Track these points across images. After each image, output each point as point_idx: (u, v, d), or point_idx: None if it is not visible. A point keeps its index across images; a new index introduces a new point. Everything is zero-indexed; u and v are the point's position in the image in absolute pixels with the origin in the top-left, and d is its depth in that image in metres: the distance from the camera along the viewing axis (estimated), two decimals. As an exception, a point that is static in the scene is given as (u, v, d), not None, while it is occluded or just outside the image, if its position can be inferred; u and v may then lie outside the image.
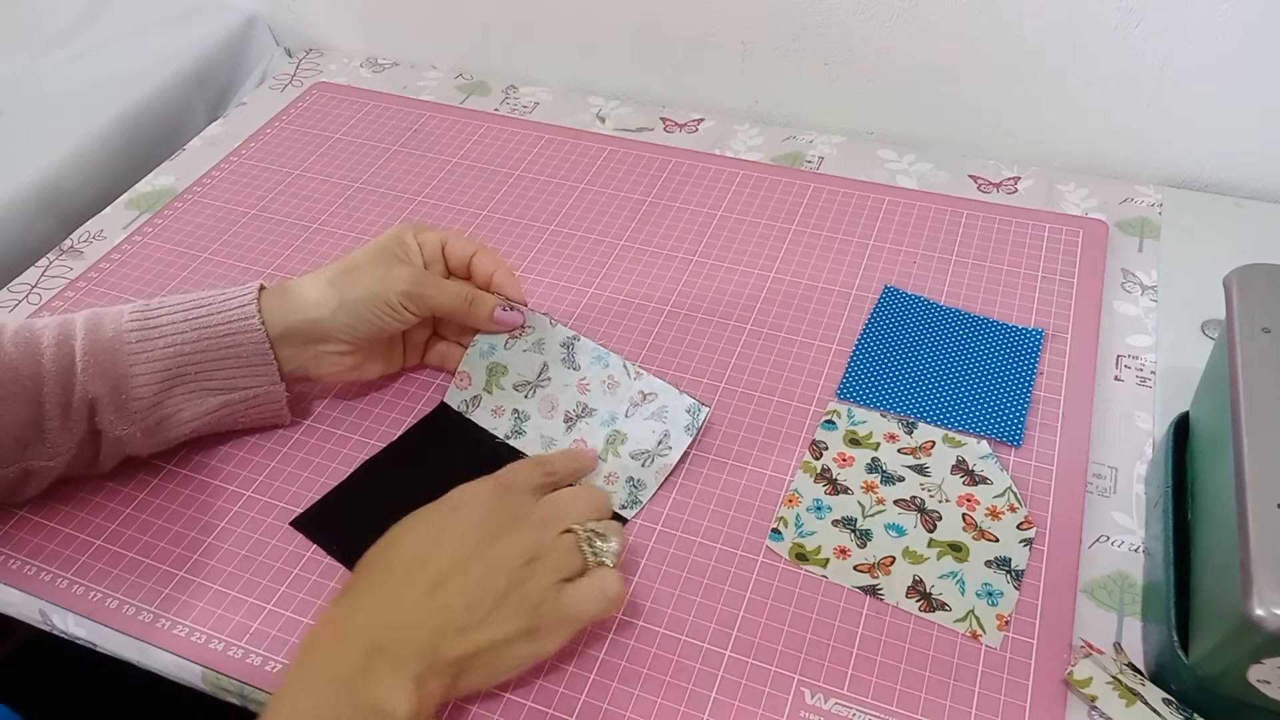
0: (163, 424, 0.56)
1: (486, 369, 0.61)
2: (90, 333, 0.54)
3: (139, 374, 0.54)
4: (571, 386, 0.59)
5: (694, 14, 0.84)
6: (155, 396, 0.55)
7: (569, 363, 0.59)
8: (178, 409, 0.56)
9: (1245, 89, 0.72)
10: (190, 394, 0.56)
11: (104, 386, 0.53)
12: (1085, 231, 0.73)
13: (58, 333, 0.54)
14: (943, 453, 0.58)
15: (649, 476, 0.56)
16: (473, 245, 0.60)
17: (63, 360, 0.53)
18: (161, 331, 0.55)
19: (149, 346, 0.54)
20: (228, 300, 0.56)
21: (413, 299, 0.56)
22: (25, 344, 0.53)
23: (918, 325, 0.66)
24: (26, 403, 0.52)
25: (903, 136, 0.84)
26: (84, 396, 0.53)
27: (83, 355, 0.53)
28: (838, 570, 0.53)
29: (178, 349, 0.55)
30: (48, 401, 0.53)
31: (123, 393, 0.54)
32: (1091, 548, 0.54)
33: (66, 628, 0.54)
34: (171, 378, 0.55)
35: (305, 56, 1.01)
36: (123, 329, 0.54)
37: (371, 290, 0.56)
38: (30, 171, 0.81)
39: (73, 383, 0.53)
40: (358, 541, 0.55)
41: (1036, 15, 0.73)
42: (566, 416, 0.59)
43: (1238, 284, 0.50)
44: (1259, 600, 0.37)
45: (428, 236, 0.60)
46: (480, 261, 0.60)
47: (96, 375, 0.53)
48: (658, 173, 0.81)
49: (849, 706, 0.48)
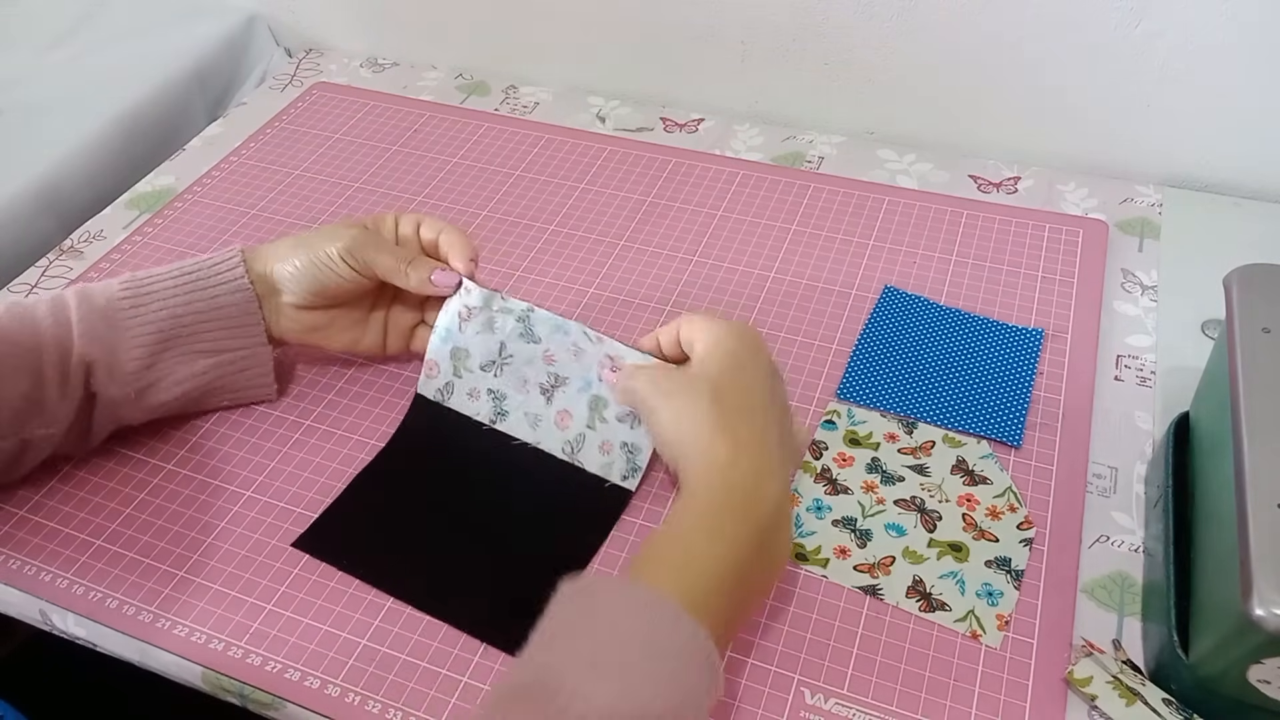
0: (154, 387, 0.57)
1: (450, 354, 0.61)
2: (84, 303, 0.56)
3: (133, 337, 0.56)
4: (537, 360, 0.59)
5: (694, 14, 0.84)
6: (148, 359, 0.56)
7: (528, 336, 0.59)
8: (169, 371, 0.57)
9: (1245, 89, 0.72)
10: (181, 356, 0.58)
11: (100, 350, 0.55)
12: (1085, 231, 0.73)
13: (51, 304, 0.56)
14: (943, 453, 0.58)
15: (640, 439, 0.56)
16: (440, 225, 0.61)
17: (59, 329, 0.55)
18: (153, 296, 0.57)
19: (142, 311, 0.56)
20: (215, 264, 0.58)
21: (351, 254, 0.57)
22: (20, 317, 0.55)
23: (918, 325, 0.66)
24: (26, 373, 0.54)
25: (903, 136, 0.84)
26: (81, 361, 0.55)
27: (79, 322, 0.55)
28: (838, 570, 0.53)
29: (169, 311, 0.57)
30: (47, 369, 0.54)
31: (118, 355, 0.56)
32: (1091, 548, 0.54)
33: (66, 628, 0.54)
34: (164, 339, 0.57)
35: (305, 56, 1.01)
36: (114, 296, 0.56)
37: (317, 246, 0.58)
38: (30, 171, 0.81)
39: (69, 348, 0.55)
40: (365, 553, 0.55)
41: (1036, 15, 0.73)
42: (542, 389, 0.58)
43: (1238, 284, 0.50)
44: (1259, 600, 0.37)
45: (406, 217, 0.61)
46: (444, 237, 0.60)
47: (92, 340, 0.55)
48: (658, 173, 0.81)
49: (849, 706, 0.48)
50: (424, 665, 0.50)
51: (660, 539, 0.45)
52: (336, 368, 0.66)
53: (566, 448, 0.57)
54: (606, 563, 0.54)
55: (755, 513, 0.45)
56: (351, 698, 0.49)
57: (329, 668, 0.50)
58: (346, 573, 0.54)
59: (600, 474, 0.56)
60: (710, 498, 0.45)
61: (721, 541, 0.44)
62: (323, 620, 0.52)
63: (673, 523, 0.45)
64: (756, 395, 0.49)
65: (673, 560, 0.43)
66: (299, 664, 0.51)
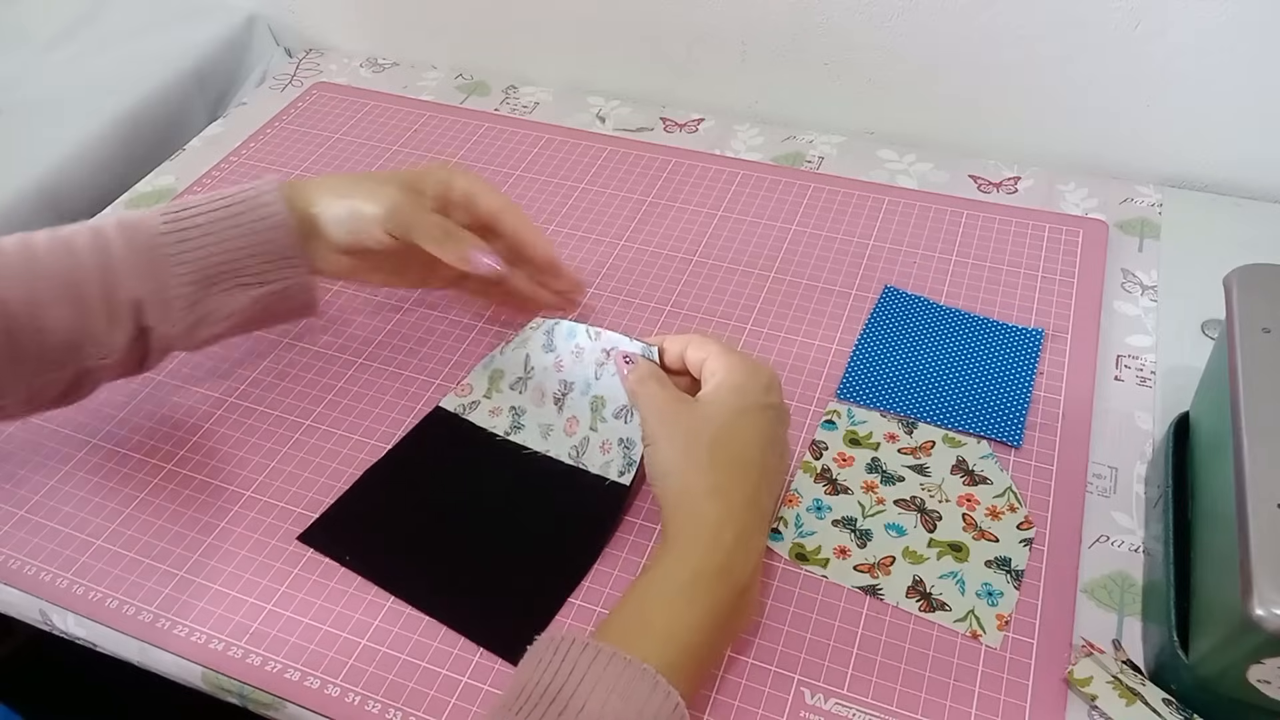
0: (203, 321, 0.56)
1: (489, 377, 0.61)
2: (126, 237, 0.54)
3: (179, 273, 0.54)
4: (550, 369, 0.59)
5: (694, 14, 0.84)
6: (195, 294, 0.55)
7: (548, 347, 0.59)
8: (219, 305, 0.56)
9: (1245, 89, 0.72)
10: (229, 289, 0.56)
11: (147, 288, 0.54)
12: (1085, 231, 0.73)
13: (92, 235, 0.54)
14: (943, 453, 0.58)
15: (634, 432, 0.56)
16: (500, 201, 0.59)
17: (102, 262, 0.53)
18: (198, 231, 0.55)
19: (186, 246, 0.55)
20: (256, 195, 0.57)
21: (389, 221, 0.56)
22: (58, 251, 0.53)
23: (918, 325, 0.66)
24: (69, 304, 0.53)
25: (903, 136, 0.84)
26: (129, 297, 0.54)
27: (123, 258, 0.54)
28: (838, 570, 0.53)
29: (212, 247, 0.55)
30: (91, 300, 0.53)
31: (166, 292, 0.54)
32: (1091, 548, 0.54)
33: (66, 628, 0.54)
34: (210, 275, 0.55)
35: (305, 56, 1.01)
36: (158, 230, 0.55)
37: (355, 203, 0.56)
38: (30, 171, 0.81)
39: (115, 283, 0.53)
40: (370, 549, 0.55)
41: (1037, 15, 0.73)
42: (555, 398, 0.59)
43: (1238, 284, 0.50)
44: (1259, 600, 0.37)
45: (458, 180, 0.60)
46: (505, 217, 0.59)
47: (138, 278, 0.54)
48: (658, 173, 0.81)
49: (849, 706, 0.48)
50: (424, 665, 0.50)
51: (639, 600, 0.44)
52: (337, 368, 0.66)
53: (573, 452, 0.58)
54: (606, 562, 0.54)
55: (736, 575, 0.45)
56: (351, 698, 0.49)
57: (329, 668, 0.50)
58: (351, 570, 0.54)
59: (600, 474, 0.56)
60: (696, 560, 0.45)
61: (701, 607, 0.44)
62: (323, 620, 0.52)
63: (654, 581, 0.45)
64: (755, 448, 0.48)
65: (655, 626, 0.43)
66: (299, 664, 0.51)
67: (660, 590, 0.44)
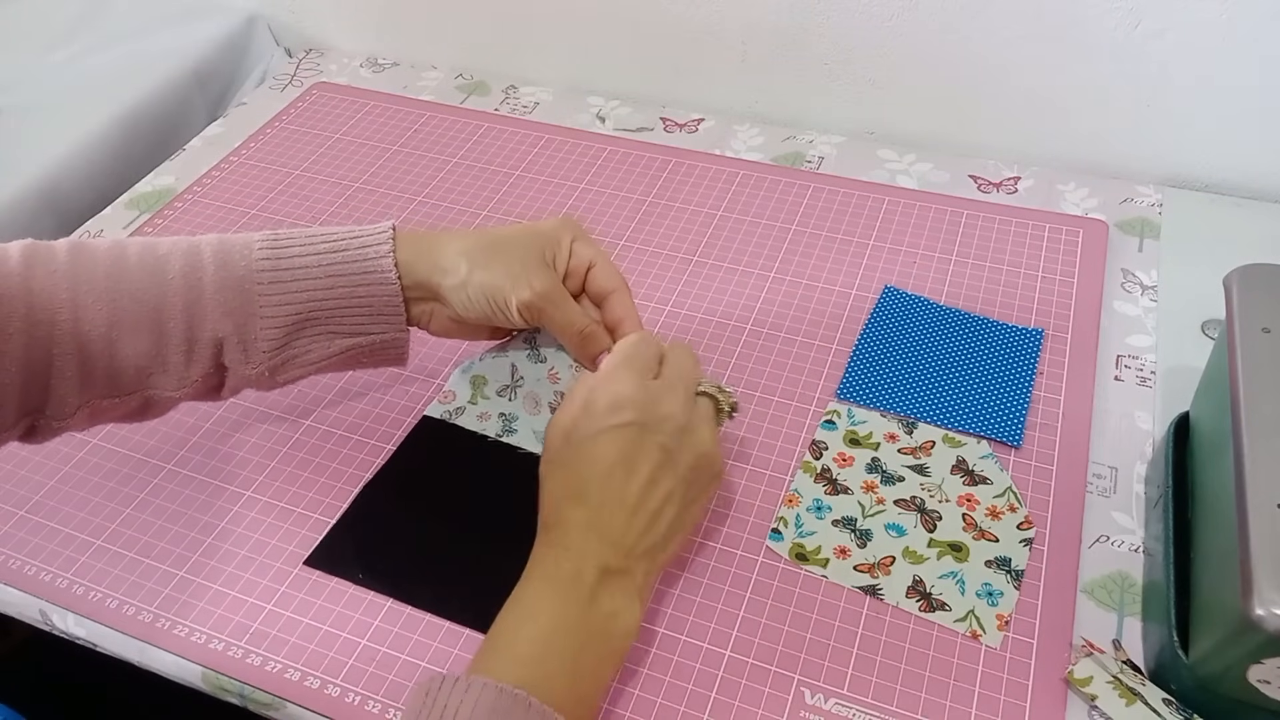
0: (288, 364, 0.54)
1: (470, 382, 0.61)
2: (220, 268, 0.52)
3: (269, 315, 0.52)
4: (544, 379, 0.59)
5: (694, 14, 0.84)
6: (283, 338, 0.53)
7: (534, 357, 0.59)
8: (305, 350, 0.54)
9: (1245, 89, 0.72)
10: (318, 336, 0.54)
11: (232, 325, 0.52)
12: (1085, 231, 0.73)
13: (184, 261, 0.52)
14: (943, 453, 0.58)
15: None
16: (616, 282, 0.57)
17: (190, 294, 0.51)
18: (294, 274, 0.53)
19: (281, 289, 0.52)
20: (364, 246, 0.54)
21: (531, 310, 0.53)
22: (150, 270, 0.51)
23: (918, 325, 0.66)
24: (149, 333, 0.50)
25: (903, 136, 0.84)
26: (212, 336, 0.51)
27: (213, 293, 0.51)
28: (838, 570, 0.53)
29: (309, 293, 0.53)
30: (172, 334, 0.51)
31: (251, 333, 0.52)
32: (1091, 548, 0.54)
33: (66, 628, 0.54)
34: (301, 320, 0.53)
35: (305, 56, 1.01)
36: (254, 267, 0.52)
37: (497, 283, 0.53)
38: (30, 171, 0.81)
39: (200, 318, 0.51)
40: (380, 563, 0.55)
41: (1037, 15, 0.73)
42: (550, 408, 0.59)
43: (1238, 284, 0.50)
44: (1259, 600, 0.37)
45: (582, 251, 0.56)
46: (615, 301, 0.56)
47: (225, 314, 0.51)
48: (658, 173, 0.81)
49: (849, 706, 0.48)
50: (424, 665, 0.50)
51: (503, 618, 0.45)
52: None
53: None
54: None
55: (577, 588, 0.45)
56: (351, 698, 0.49)
57: (329, 668, 0.50)
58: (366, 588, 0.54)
59: None
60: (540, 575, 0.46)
61: (549, 618, 0.45)
62: (323, 620, 0.52)
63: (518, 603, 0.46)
64: (601, 466, 0.48)
65: (517, 647, 0.44)
66: (299, 664, 0.51)
67: (512, 607, 0.45)
